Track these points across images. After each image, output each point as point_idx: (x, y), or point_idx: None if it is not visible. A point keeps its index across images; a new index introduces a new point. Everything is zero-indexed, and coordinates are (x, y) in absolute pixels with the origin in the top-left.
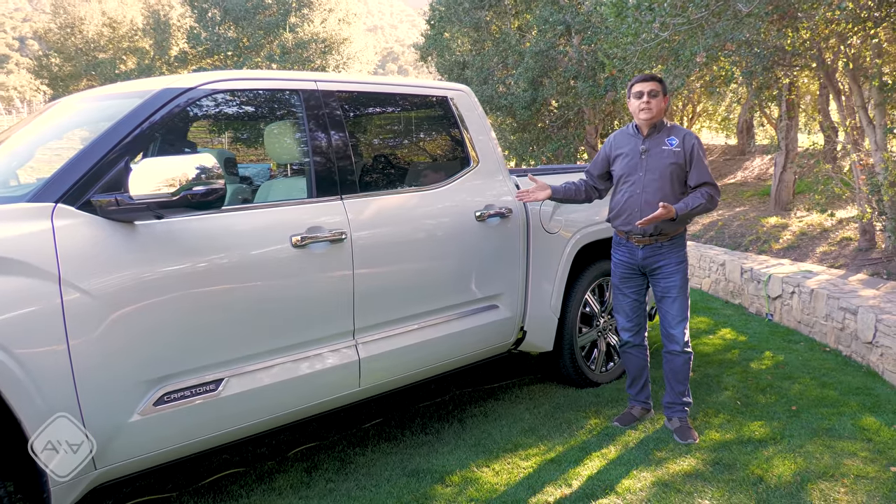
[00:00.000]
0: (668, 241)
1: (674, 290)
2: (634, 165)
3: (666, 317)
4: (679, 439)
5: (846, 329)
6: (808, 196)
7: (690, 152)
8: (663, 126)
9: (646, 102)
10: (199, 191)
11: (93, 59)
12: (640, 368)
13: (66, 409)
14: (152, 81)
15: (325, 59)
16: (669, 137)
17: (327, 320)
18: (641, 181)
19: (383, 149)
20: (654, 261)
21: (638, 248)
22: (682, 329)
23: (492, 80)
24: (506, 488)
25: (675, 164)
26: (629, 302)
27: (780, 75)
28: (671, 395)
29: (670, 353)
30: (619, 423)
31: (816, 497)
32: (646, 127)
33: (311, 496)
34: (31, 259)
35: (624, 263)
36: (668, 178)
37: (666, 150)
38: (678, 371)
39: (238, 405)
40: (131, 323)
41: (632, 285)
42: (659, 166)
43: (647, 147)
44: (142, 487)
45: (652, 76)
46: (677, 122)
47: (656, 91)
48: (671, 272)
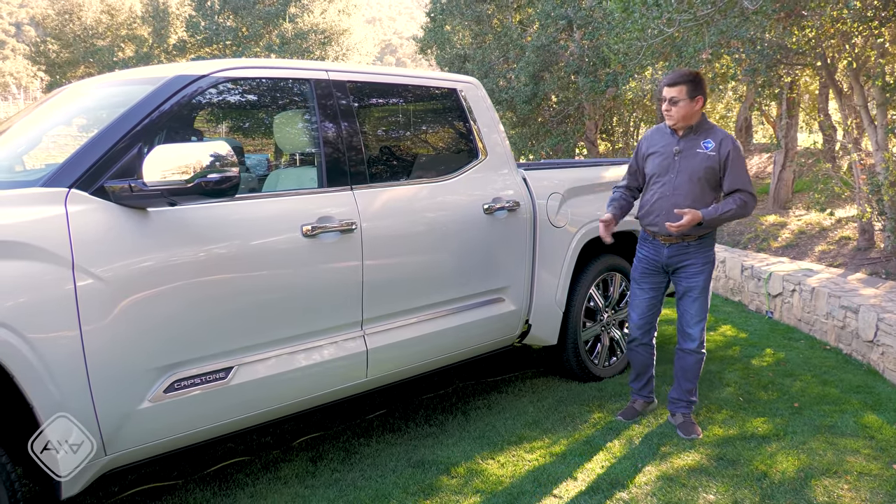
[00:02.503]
0: (696, 240)
1: (696, 289)
2: (667, 166)
3: (685, 315)
4: (682, 434)
5: (847, 327)
6: (807, 195)
7: (726, 157)
8: (702, 127)
9: (666, 110)
10: (214, 178)
11: (91, 46)
12: (645, 365)
13: (77, 394)
14: (163, 68)
15: (324, 49)
16: (706, 140)
17: (336, 310)
18: (672, 182)
19: (392, 140)
20: (679, 260)
21: (664, 247)
22: (699, 329)
23: (493, 74)
24: (511, 480)
25: (708, 167)
26: (646, 299)
27: (782, 73)
28: (678, 391)
29: (684, 350)
30: (622, 417)
31: (820, 493)
32: (679, 129)
33: (316, 485)
34: (44, 244)
35: (647, 259)
36: (700, 181)
37: (700, 154)
38: (688, 369)
39: (247, 394)
40: (143, 310)
41: (651, 282)
42: (691, 169)
43: (681, 148)
44: (147, 475)
45: (677, 79)
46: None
47: (677, 98)
48: (696, 272)
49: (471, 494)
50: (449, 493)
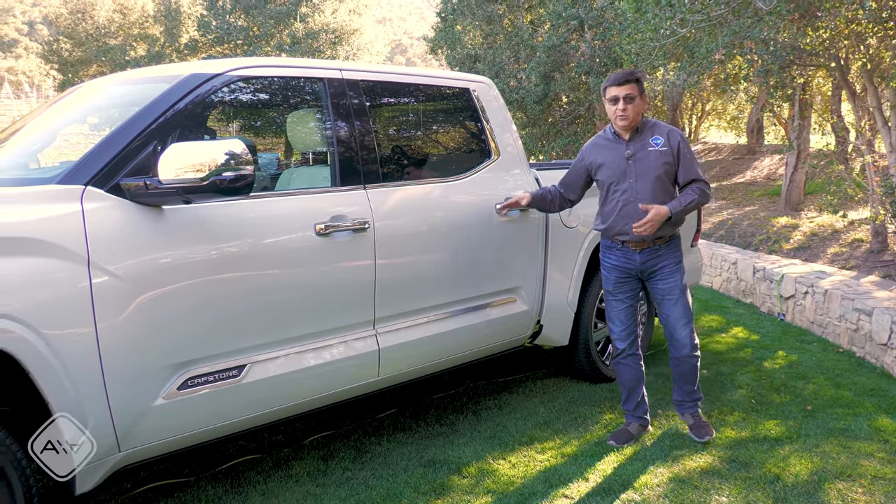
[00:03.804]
0: (666, 242)
1: (675, 290)
2: (623, 172)
3: (669, 319)
4: (695, 437)
5: (860, 330)
6: (819, 197)
7: (678, 150)
8: (644, 125)
9: (622, 110)
10: (228, 176)
11: (103, 45)
12: (635, 381)
13: (92, 391)
14: (177, 67)
15: (334, 49)
16: (654, 137)
17: (348, 309)
18: (633, 188)
19: (405, 139)
20: (652, 264)
21: (636, 253)
22: (688, 332)
23: (503, 75)
24: (522, 481)
25: (664, 163)
26: (624, 308)
27: (795, 74)
28: (680, 393)
29: (678, 359)
30: (613, 441)
31: (834, 497)
32: (626, 132)
33: (328, 483)
34: (60, 241)
35: (619, 268)
36: (660, 179)
37: (653, 152)
38: (687, 374)
39: (259, 392)
40: (158, 307)
41: (627, 290)
42: (649, 170)
43: (632, 151)
44: (159, 472)
45: (627, 77)
46: (685, 121)
47: (632, 95)
48: (670, 272)
49: (482, 494)
50: (460, 493)
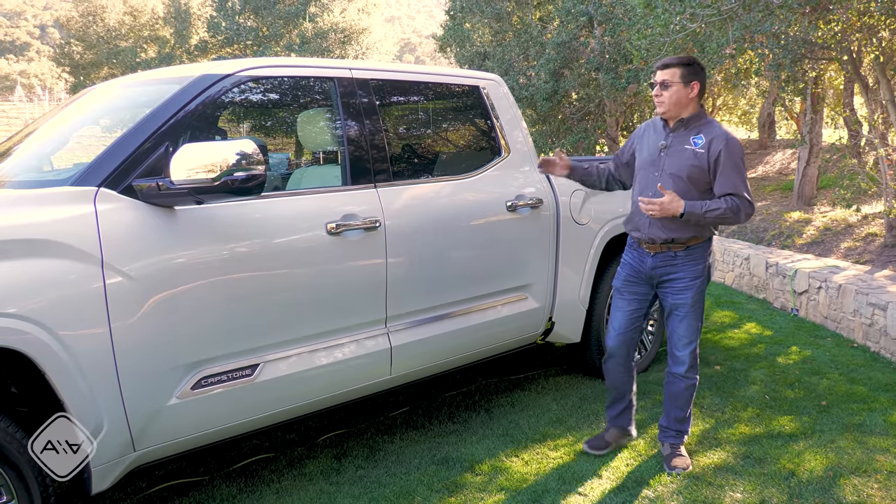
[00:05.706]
0: (684, 250)
1: (683, 307)
2: (652, 163)
3: (672, 336)
4: (667, 467)
5: (875, 325)
6: (832, 191)
7: (716, 158)
8: (695, 121)
9: (657, 95)
10: (240, 177)
11: (114, 48)
12: (621, 388)
13: (107, 391)
14: (188, 68)
15: (343, 48)
16: (696, 136)
17: (360, 308)
18: (654, 183)
19: (415, 137)
20: (664, 272)
21: (648, 256)
22: (688, 352)
23: (513, 72)
24: (536, 478)
25: (694, 167)
26: (627, 311)
27: (806, 68)
28: (667, 418)
29: (673, 374)
30: (588, 447)
31: (849, 492)
32: (669, 120)
33: (341, 482)
34: (74, 242)
35: (631, 266)
36: (685, 182)
37: (688, 151)
38: (677, 396)
39: (273, 391)
40: (171, 307)
41: (634, 291)
42: (675, 168)
43: (667, 143)
44: (174, 471)
45: (670, 61)
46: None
47: (669, 81)
48: (682, 287)
49: (495, 492)
50: (473, 491)
